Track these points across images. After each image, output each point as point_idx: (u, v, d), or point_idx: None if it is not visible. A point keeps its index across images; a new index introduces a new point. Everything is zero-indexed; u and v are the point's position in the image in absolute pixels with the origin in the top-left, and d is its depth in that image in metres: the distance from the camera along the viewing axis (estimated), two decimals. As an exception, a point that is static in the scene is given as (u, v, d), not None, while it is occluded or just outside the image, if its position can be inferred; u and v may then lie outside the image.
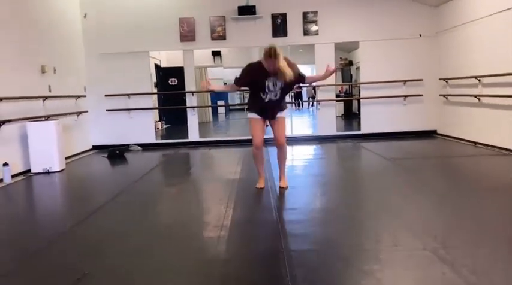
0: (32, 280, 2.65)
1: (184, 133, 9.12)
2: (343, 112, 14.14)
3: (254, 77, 4.23)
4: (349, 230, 3.35)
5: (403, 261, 2.66)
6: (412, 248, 2.83)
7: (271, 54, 3.98)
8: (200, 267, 2.72)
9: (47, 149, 6.30)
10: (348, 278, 2.53)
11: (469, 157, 6.40)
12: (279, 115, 4.40)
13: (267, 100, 4.26)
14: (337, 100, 12.78)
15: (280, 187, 4.58)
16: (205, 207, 4.34)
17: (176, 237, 3.33)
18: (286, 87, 4.29)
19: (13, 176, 5.85)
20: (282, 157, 4.60)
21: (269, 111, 4.35)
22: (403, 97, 8.72)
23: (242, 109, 21.13)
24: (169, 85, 13.01)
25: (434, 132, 8.78)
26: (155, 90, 11.37)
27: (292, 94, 19.82)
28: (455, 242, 2.95)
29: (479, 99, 7.04)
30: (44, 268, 2.82)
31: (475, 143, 7.20)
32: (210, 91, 4.46)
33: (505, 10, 6.25)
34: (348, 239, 3.13)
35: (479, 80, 6.99)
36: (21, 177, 6.04)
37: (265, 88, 4.20)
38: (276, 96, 4.25)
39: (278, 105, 4.35)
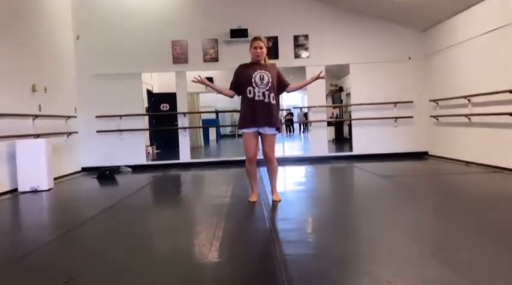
0: (18, 283, 2.53)
1: (176, 156, 9.05)
2: (334, 137, 14.20)
3: (242, 73, 4.29)
4: (344, 236, 3.28)
5: (401, 262, 2.59)
6: (409, 250, 2.77)
7: (257, 37, 4.33)
8: (192, 271, 2.62)
9: (35, 167, 6.18)
10: (345, 278, 2.45)
11: (461, 175, 6.40)
12: (269, 132, 4.29)
13: (256, 98, 4.18)
14: (328, 124, 12.90)
15: (273, 201, 4.49)
16: (197, 219, 4.24)
17: (165, 246, 3.23)
18: (273, 87, 4.23)
19: (0, 194, 5.71)
20: (272, 172, 4.51)
21: (260, 115, 4.19)
22: (394, 119, 8.79)
23: (233, 136, 21.18)
24: (161, 111, 13.00)
25: (426, 153, 8.82)
26: (145, 113, 11.35)
27: (284, 120, 20.00)
28: (453, 245, 2.89)
29: (469, 118, 7.12)
30: (30, 272, 2.70)
31: (467, 162, 7.22)
32: (201, 83, 4.30)
33: (489, 31, 6.41)
34: (344, 244, 3.05)
35: (468, 100, 7.08)
36: (8, 195, 5.89)
37: (252, 83, 4.18)
38: (264, 95, 4.18)
39: (269, 110, 4.22)
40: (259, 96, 4.18)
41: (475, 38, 6.88)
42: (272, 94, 4.22)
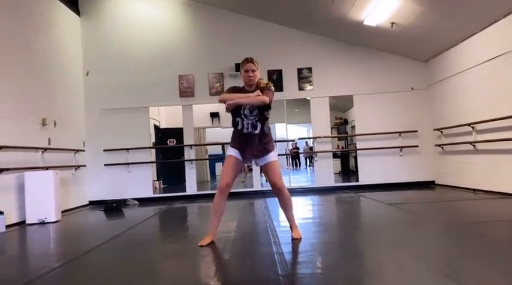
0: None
1: (183, 189, 9.09)
2: (340, 170, 14.19)
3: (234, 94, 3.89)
4: (352, 257, 3.27)
5: (409, 280, 2.57)
6: (417, 269, 2.75)
7: (248, 59, 4.02)
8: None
9: (43, 199, 6.24)
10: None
11: (468, 201, 6.36)
12: (268, 158, 3.90)
13: (245, 130, 3.83)
14: (334, 157, 12.93)
15: (293, 239, 3.92)
16: (200, 249, 4.22)
17: (166, 273, 3.22)
18: (261, 114, 3.83)
19: (7, 226, 5.74)
20: (285, 204, 4.03)
21: (248, 145, 3.86)
22: (399, 149, 8.83)
23: (241, 170, 21.18)
24: (168, 146, 13.14)
25: (432, 182, 8.79)
26: (152, 150, 11.47)
27: (290, 155, 20.06)
28: (460, 263, 2.87)
29: (474, 145, 7.14)
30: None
31: (474, 190, 7.18)
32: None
33: (489, 60, 6.54)
34: (352, 265, 3.04)
35: (472, 127, 7.13)
36: (16, 227, 5.92)
37: (241, 115, 3.81)
38: (254, 126, 3.83)
39: (260, 140, 3.87)
40: (247, 128, 3.82)
41: (474, 67, 7.01)
42: (259, 123, 3.83)
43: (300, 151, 20.18)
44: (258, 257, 3.45)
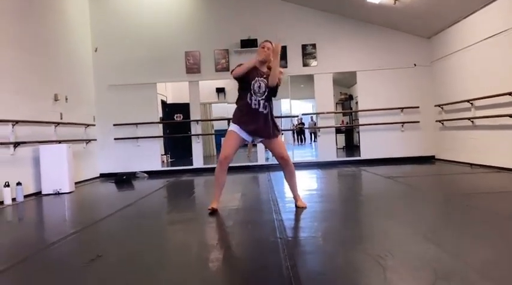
0: (51, 262, 2.86)
1: (190, 163, 9.40)
2: (344, 144, 14.43)
3: (246, 74, 4.09)
4: (345, 224, 3.57)
5: (394, 241, 2.86)
6: (403, 233, 3.03)
7: (267, 40, 4.25)
8: (201, 253, 2.92)
9: (57, 171, 6.57)
10: (342, 255, 2.72)
11: (464, 175, 6.60)
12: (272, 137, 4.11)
13: (253, 106, 4.03)
14: (338, 132, 13.15)
15: (297, 207, 4.16)
16: (206, 215, 4.53)
17: (174, 236, 3.53)
18: (269, 94, 4.05)
19: (25, 196, 6.09)
20: (290, 175, 4.26)
21: (255, 123, 4.04)
22: (400, 124, 9.03)
23: (245, 145, 21.49)
24: (175, 121, 13.40)
25: (433, 157, 9.02)
26: (160, 124, 11.72)
27: (295, 130, 20.28)
28: (443, 229, 3.14)
29: (472, 121, 7.33)
30: (60, 254, 3.03)
31: (471, 164, 7.41)
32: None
33: (490, 37, 6.65)
34: (344, 230, 3.34)
35: (471, 103, 7.30)
36: (33, 197, 6.27)
37: (251, 89, 4.03)
38: (259, 104, 4.03)
39: (265, 122, 4.07)
40: (255, 104, 4.04)
41: (475, 44, 7.13)
42: (267, 103, 4.08)
43: (305, 127, 20.43)
44: (259, 223, 3.74)
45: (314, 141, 20.75)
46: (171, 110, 13.74)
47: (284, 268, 2.38)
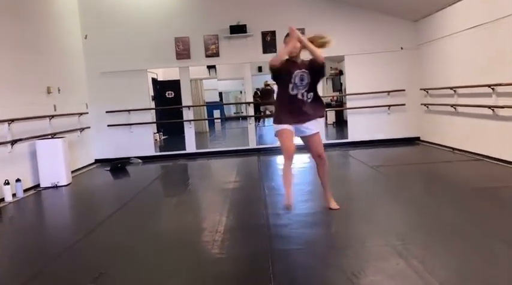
0: (56, 279, 3.16)
1: (182, 144, 9.65)
2: (334, 120, 14.70)
3: (284, 67, 4.02)
4: (326, 230, 3.88)
5: (368, 254, 3.19)
6: (376, 244, 3.36)
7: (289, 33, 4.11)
8: (197, 266, 3.23)
9: (54, 165, 6.79)
10: (319, 271, 3.04)
11: (446, 163, 6.93)
12: (313, 128, 4.11)
13: (299, 96, 3.98)
14: (328, 107, 13.38)
15: (330, 209, 4.28)
16: (202, 214, 4.86)
17: (177, 242, 3.84)
18: (312, 84, 4.01)
19: (24, 190, 6.34)
20: (323, 171, 4.28)
21: (301, 113, 4.00)
22: (387, 107, 9.27)
23: (237, 118, 21.72)
24: (166, 98, 13.55)
25: (417, 138, 9.33)
26: (153, 103, 11.86)
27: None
28: (412, 238, 3.47)
29: (455, 108, 7.59)
30: (65, 269, 3.33)
31: (453, 149, 7.74)
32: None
33: (477, 26, 6.78)
34: (325, 238, 3.65)
35: (454, 90, 7.54)
36: (32, 191, 6.53)
37: (292, 82, 3.97)
38: (303, 96, 3.99)
39: (310, 107, 4.05)
40: (301, 94, 4.00)
41: (461, 32, 7.28)
42: (311, 93, 4.05)
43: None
44: (250, 200, 4.08)
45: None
46: (162, 87, 13.87)
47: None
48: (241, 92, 22.02)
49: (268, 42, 9.22)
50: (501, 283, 2.67)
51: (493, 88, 6.34)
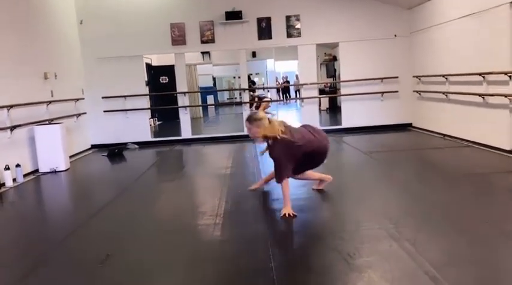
0: (64, 263, 3.29)
1: (177, 129, 9.74)
2: (328, 106, 14.83)
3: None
4: (322, 214, 4.04)
5: (362, 236, 3.36)
6: (370, 227, 3.52)
7: (247, 119, 4.22)
8: (198, 248, 3.38)
9: (53, 150, 6.87)
10: (316, 252, 3.20)
11: (437, 149, 7.12)
12: None
13: None
14: (322, 96, 13.52)
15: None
16: (201, 199, 5.00)
17: (178, 225, 3.99)
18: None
19: (24, 175, 6.42)
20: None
21: None
22: (380, 94, 9.41)
23: (231, 104, 21.77)
24: (160, 83, 13.57)
25: (410, 125, 9.50)
26: (147, 89, 11.89)
27: (281, 89, 20.53)
28: (404, 222, 3.64)
29: (446, 95, 7.75)
30: (72, 251, 3.47)
31: (444, 135, 7.92)
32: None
33: (469, 15, 6.90)
34: (321, 222, 3.81)
35: (446, 78, 7.69)
36: (31, 176, 6.62)
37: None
38: None
39: None
40: None
41: (454, 20, 7.40)
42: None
43: (290, 84, 20.64)
44: (248, 185, 4.24)
45: (299, 99, 21.06)
46: (156, 73, 13.87)
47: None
48: (234, 77, 22.06)
49: (264, 29, 9.27)
50: (487, 263, 2.85)
51: (483, 77, 6.49)
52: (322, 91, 14.50)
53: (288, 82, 20.44)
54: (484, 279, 2.61)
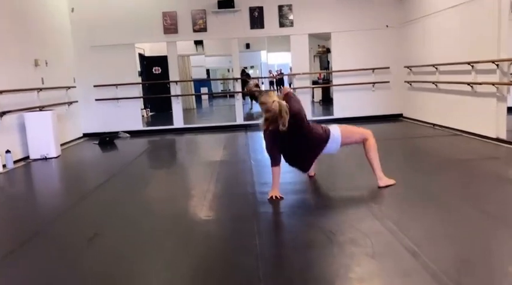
0: (53, 240, 3.32)
1: (169, 120, 9.75)
2: (321, 98, 14.88)
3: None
4: (308, 196, 4.10)
5: (345, 215, 3.42)
6: (354, 208, 3.58)
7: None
8: (186, 227, 3.42)
9: (43, 137, 6.87)
10: (299, 230, 3.26)
11: (425, 138, 7.19)
12: None
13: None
14: (315, 87, 13.56)
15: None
16: (191, 184, 5.03)
17: (166, 207, 4.03)
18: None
19: (14, 162, 6.43)
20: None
21: None
22: (371, 84, 9.46)
23: (225, 96, 21.76)
24: (153, 74, 13.55)
25: (400, 115, 9.57)
26: (139, 79, 11.88)
27: (275, 80, 20.56)
28: (389, 203, 3.70)
29: (436, 85, 7.82)
30: (61, 231, 3.50)
31: (434, 125, 8.00)
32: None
33: (458, 5, 6.95)
34: (307, 204, 3.87)
35: (436, 68, 7.75)
36: (22, 163, 6.63)
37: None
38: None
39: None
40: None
41: (443, 11, 7.45)
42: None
43: (285, 74, 20.65)
44: (237, 171, 4.28)
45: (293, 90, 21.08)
46: (149, 63, 13.83)
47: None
48: (228, 70, 22.01)
49: (256, 18, 9.27)
50: (466, 240, 2.91)
51: (472, 66, 6.56)
52: (315, 83, 14.56)
53: (283, 74, 20.43)
54: (462, 254, 2.67)
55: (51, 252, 3.08)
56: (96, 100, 9.26)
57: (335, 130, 4.08)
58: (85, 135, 9.29)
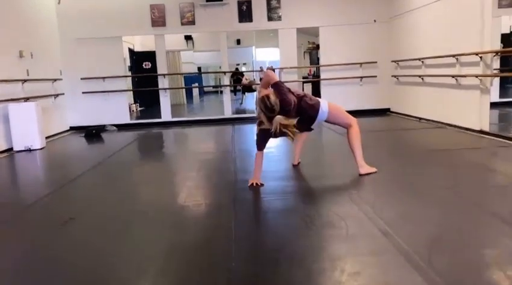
0: (28, 224, 3.30)
1: (158, 114, 9.71)
2: (311, 94, 14.88)
3: None
4: (288, 183, 4.11)
5: (325, 201, 3.42)
6: (333, 194, 3.59)
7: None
8: (163, 212, 3.41)
9: (28, 128, 6.81)
10: (276, 214, 3.26)
11: (410, 130, 7.23)
12: None
13: None
14: (302, 81, 13.57)
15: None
16: (172, 172, 5.02)
17: (144, 193, 4.01)
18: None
19: (-3, 153, 6.39)
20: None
21: None
22: (359, 78, 9.49)
23: (216, 92, 21.73)
24: (143, 69, 13.48)
25: (388, 109, 9.61)
26: (128, 73, 11.83)
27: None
28: (367, 189, 3.72)
29: (422, 78, 7.86)
30: (36, 215, 3.48)
31: (420, 119, 8.04)
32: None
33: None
34: (286, 190, 3.88)
35: (422, 61, 7.79)
36: (5, 154, 6.57)
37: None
38: None
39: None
40: None
41: (429, 5, 7.49)
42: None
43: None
44: (221, 160, 4.27)
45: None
46: (139, 58, 13.76)
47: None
48: (220, 67, 21.96)
49: (244, 11, 9.26)
50: (439, 222, 2.92)
51: (457, 59, 6.60)
52: (305, 79, 14.57)
53: (274, 69, 20.43)
54: (433, 235, 2.68)
55: (23, 235, 3.06)
56: (83, 93, 9.20)
57: (324, 105, 4.11)
58: (72, 128, 9.23)
